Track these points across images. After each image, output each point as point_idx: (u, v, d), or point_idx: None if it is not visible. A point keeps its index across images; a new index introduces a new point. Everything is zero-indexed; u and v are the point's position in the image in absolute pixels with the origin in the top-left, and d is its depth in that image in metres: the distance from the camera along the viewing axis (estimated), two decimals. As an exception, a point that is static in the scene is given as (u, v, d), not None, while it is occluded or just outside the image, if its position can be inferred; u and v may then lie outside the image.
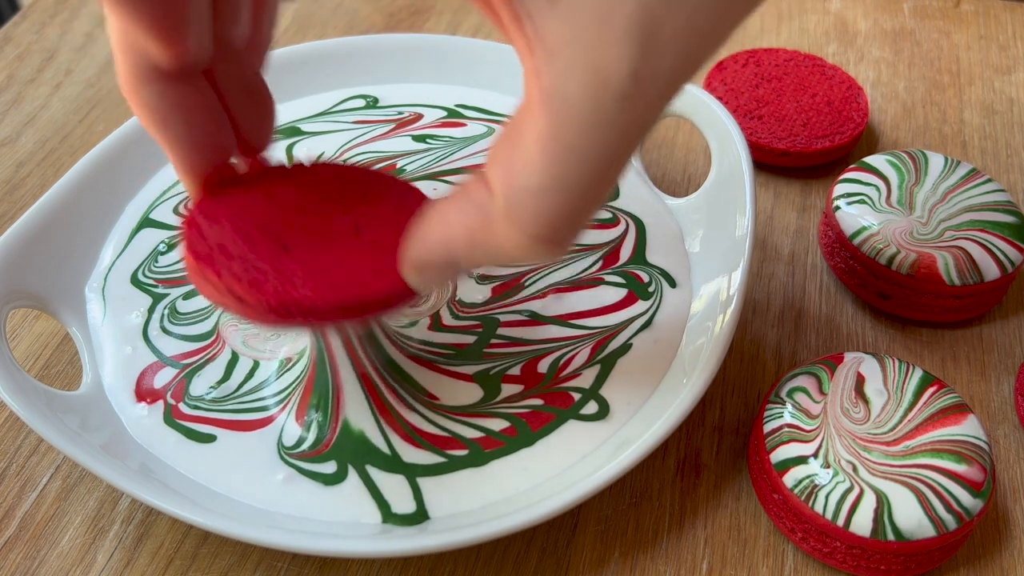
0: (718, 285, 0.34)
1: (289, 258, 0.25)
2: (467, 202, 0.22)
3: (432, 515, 0.29)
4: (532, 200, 0.20)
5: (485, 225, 0.21)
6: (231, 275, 0.24)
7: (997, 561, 0.30)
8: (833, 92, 0.44)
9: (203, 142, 0.26)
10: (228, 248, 0.25)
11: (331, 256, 0.26)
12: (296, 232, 0.26)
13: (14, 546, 0.31)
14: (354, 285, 0.25)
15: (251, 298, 0.24)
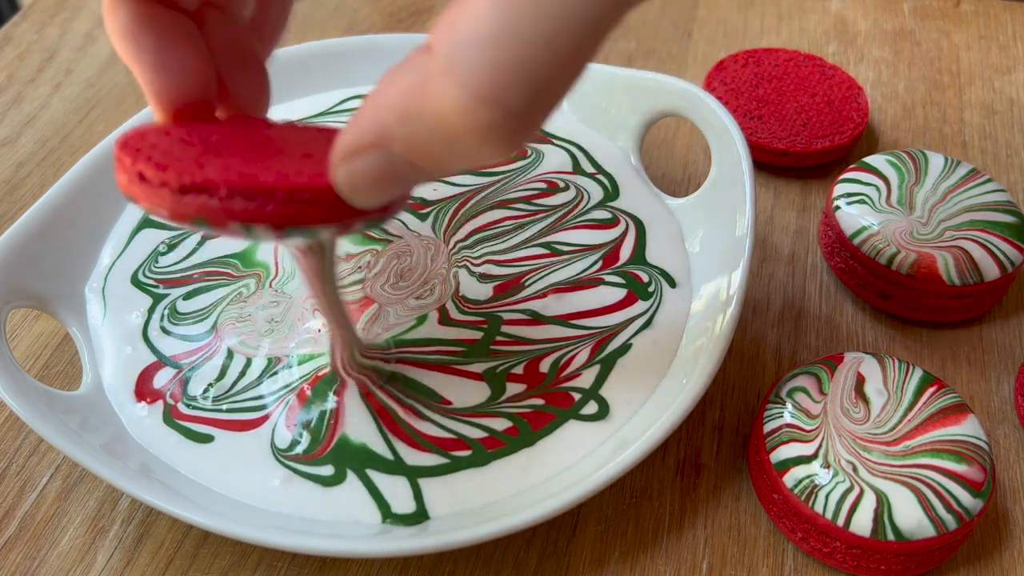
0: (718, 285, 0.34)
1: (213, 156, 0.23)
2: (404, 69, 0.19)
3: (432, 515, 0.29)
4: (475, 50, 0.17)
5: (420, 86, 0.18)
6: (145, 160, 0.22)
7: (997, 561, 0.30)
8: (833, 92, 0.44)
9: (175, 66, 0.24)
10: (158, 144, 0.23)
11: (260, 161, 0.23)
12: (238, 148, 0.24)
13: (14, 546, 0.31)
14: (269, 176, 0.22)
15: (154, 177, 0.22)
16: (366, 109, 0.20)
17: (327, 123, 0.42)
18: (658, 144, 0.45)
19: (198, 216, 0.22)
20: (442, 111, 0.18)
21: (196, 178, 0.21)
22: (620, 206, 0.38)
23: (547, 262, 0.36)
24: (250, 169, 0.22)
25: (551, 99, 0.18)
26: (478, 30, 0.17)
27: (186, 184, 0.21)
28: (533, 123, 0.18)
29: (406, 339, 0.33)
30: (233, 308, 0.35)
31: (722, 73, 0.46)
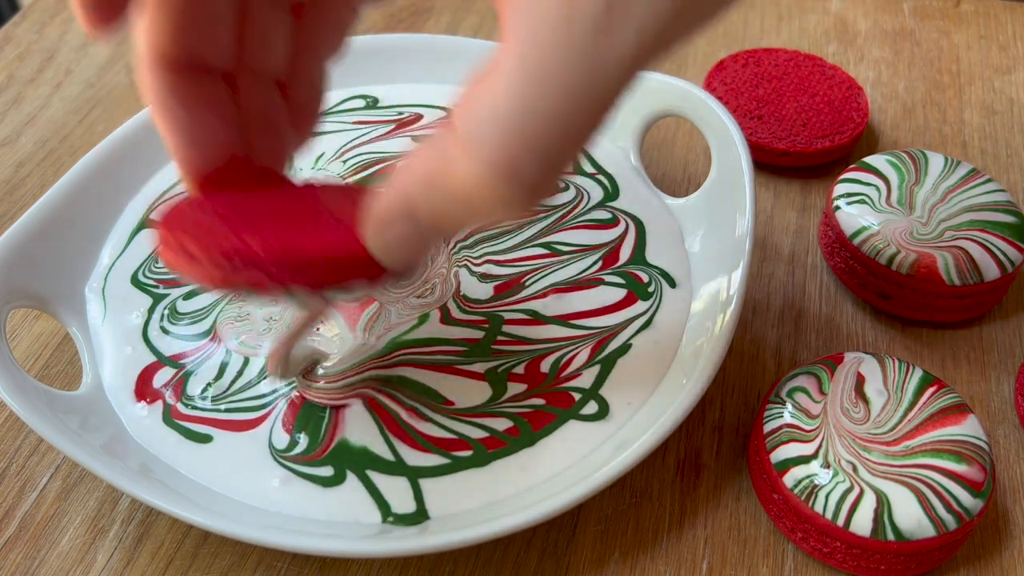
0: (718, 285, 0.34)
1: (252, 228, 0.24)
2: (428, 144, 0.20)
3: (432, 515, 0.29)
4: (492, 126, 0.18)
5: (443, 162, 0.19)
6: (189, 236, 0.24)
7: (997, 561, 0.30)
8: (833, 92, 0.44)
9: (205, 141, 0.26)
10: (197, 219, 0.25)
11: (295, 230, 0.25)
12: (271, 216, 0.25)
13: (14, 546, 0.31)
14: (308, 245, 0.24)
15: (200, 253, 0.23)
16: (395, 182, 0.21)
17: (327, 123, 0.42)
18: (658, 144, 0.45)
19: (247, 287, 0.24)
20: (462, 185, 0.19)
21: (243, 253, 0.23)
22: (620, 206, 0.38)
23: (547, 262, 0.36)
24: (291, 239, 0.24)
25: (562, 167, 0.19)
26: (495, 109, 0.18)
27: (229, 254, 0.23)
28: (546, 189, 0.19)
29: (408, 339, 0.33)
30: (232, 307, 0.35)
31: (722, 73, 0.46)
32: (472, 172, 0.19)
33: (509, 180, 0.18)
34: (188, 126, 0.25)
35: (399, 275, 0.25)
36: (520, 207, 0.19)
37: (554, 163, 0.19)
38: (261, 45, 0.26)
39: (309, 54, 0.28)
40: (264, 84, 0.27)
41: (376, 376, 0.32)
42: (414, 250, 0.23)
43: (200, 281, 0.24)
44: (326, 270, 0.24)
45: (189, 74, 0.25)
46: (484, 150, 0.18)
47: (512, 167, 0.18)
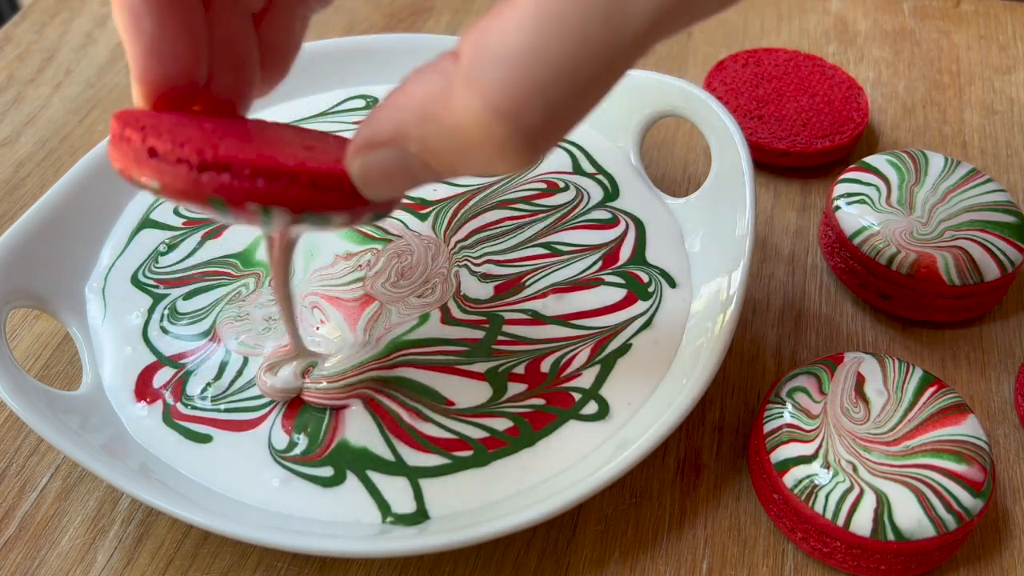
0: (718, 285, 0.34)
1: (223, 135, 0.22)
2: (429, 72, 0.19)
3: (432, 515, 0.29)
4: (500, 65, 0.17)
5: (442, 91, 0.18)
6: (156, 135, 0.21)
7: (997, 561, 0.30)
8: (833, 92, 0.44)
9: (168, 53, 0.24)
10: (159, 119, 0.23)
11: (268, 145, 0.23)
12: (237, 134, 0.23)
13: (14, 546, 0.31)
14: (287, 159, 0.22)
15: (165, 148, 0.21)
16: (387, 105, 0.20)
17: (327, 123, 0.42)
18: (658, 144, 0.45)
19: (217, 195, 0.21)
20: (460, 120, 0.18)
21: (218, 154, 0.21)
22: (620, 206, 0.38)
23: (547, 262, 0.36)
24: (267, 151, 0.22)
25: (568, 123, 0.18)
26: (506, 46, 0.17)
27: (207, 160, 0.21)
28: (547, 144, 0.19)
29: (409, 340, 0.33)
30: (232, 307, 0.35)
31: (722, 73, 0.46)
32: (471, 107, 0.18)
33: (509, 122, 0.18)
34: (154, 35, 0.24)
35: (378, 210, 0.23)
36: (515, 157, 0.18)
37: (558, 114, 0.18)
38: None
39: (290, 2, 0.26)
40: (239, 13, 0.26)
41: (376, 377, 0.32)
42: (396, 183, 0.21)
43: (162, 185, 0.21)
44: (306, 186, 0.21)
45: None
46: (487, 86, 0.18)
47: (514, 109, 0.18)
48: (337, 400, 0.32)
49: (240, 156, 0.21)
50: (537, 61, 0.17)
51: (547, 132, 0.18)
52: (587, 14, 0.17)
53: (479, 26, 0.18)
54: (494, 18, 0.18)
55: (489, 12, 0.18)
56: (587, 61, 0.17)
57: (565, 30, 0.17)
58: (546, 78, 0.17)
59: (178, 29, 0.24)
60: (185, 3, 0.24)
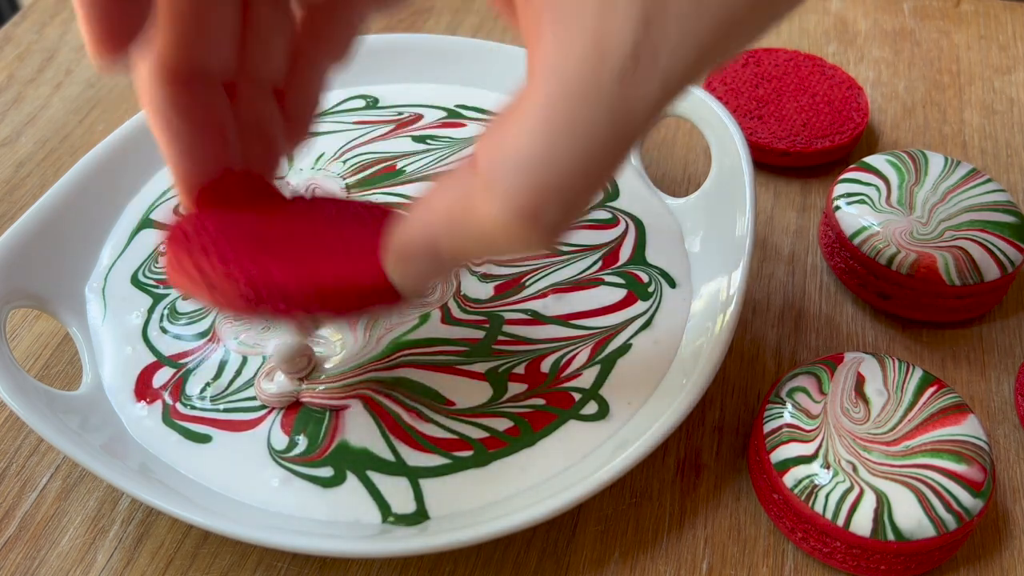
0: (718, 285, 0.34)
1: (267, 254, 0.24)
2: (451, 183, 0.21)
3: (432, 515, 0.29)
4: (516, 172, 0.19)
5: (466, 202, 0.20)
6: (206, 262, 0.23)
7: (997, 561, 0.30)
8: (833, 92, 0.44)
9: (203, 156, 0.26)
10: (207, 244, 0.24)
11: (312, 255, 0.25)
12: (280, 240, 0.25)
13: (14, 546, 0.31)
14: (332, 274, 0.24)
15: (223, 283, 0.23)
16: (416, 216, 0.22)
17: (327, 123, 0.42)
18: (658, 144, 0.45)
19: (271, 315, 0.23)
20: (484, 225, 0.19)
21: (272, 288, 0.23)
22: (620, 206, 0.38)
23: (547, 262, 0.36)
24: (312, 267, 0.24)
25: (584, 206, 0.20)
26: (518, 155, 0.18)
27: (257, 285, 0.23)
28: (566, 229, 0.20)
29: (409, 340, 0.33)
30: (233, 308, 0.35)
31: (722, 73, 0.46)
32: (494, 215, 0.19)
33: (531, 223, 0.19)
34: (188, 139, 0.25)
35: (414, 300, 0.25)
36: (540, 246, 0.20)
37: (575, 206, 0.19)
38: (263, 51, 0.26)
39: (311, 61, 0.27)
40: (262, 92, 0.27)
41: (377, 378, 0.32)
42: (433, 279, 0.24)
43: (220, 308, 0.24)
44: (350, 298, 0.24)
45: (191, 85, 0.25)
46: (507, 195, 0.19)
47: (534, 212, 0.19)
48: (337, 401, 0.32)
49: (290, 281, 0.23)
50: (550, 166, 0.18)
51: (566, 221, 0.20)
52: (593, 117, 0.18)
53: (491, 133, 0.19)
54: (506, 127, 0.19)
55: (499, 118, 0.19)
56: (597, 156, 0.18)
57: (574, 135, 0.18)
58: (561, 179, 0.18)
59: (211, 128, 0.25)
60: (213, 100, 0.25)
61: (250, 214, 0.26)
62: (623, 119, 0.18)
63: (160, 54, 0.24)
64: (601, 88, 0.18)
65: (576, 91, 0.18)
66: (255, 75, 0.26)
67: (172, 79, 0.24)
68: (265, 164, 0.28)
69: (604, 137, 0.18)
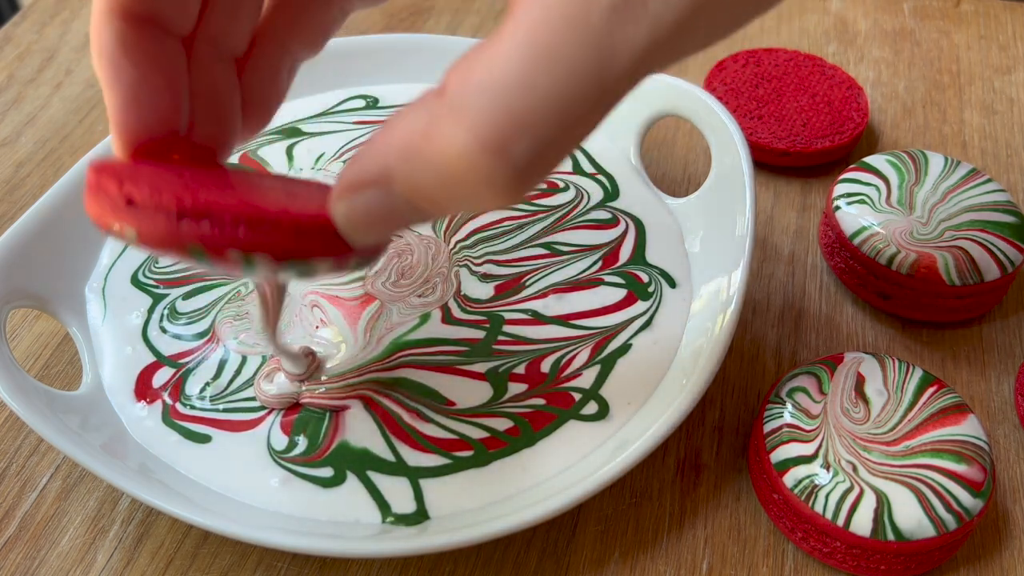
0: (718, 285, 0.34)
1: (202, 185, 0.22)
2: (414, 107, 0.19)
3: (432, 515, 0.29)
4: (487, 94, 0.17)
5: (427, 125, 0.18)
6: (132, 184, 0.21)
7: (997, 561, 0.30)
8: (833, 92, 0.44)
9: (148, 102, 0.23)
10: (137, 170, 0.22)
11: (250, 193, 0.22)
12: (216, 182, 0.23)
13: (14, 546, 0.31)
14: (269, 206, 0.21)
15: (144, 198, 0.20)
16: (370, 146, 0.20)
17: (327, 123, 0.42)
18: (658, 144, 0.45)
19: (196, 243, 0.20)
20: (445, 154, 0.18)
21: (198, 202, 0.20)
22: (620, 206, 0.38)
23: (547, 262, 0.36)
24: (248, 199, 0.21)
25: (556, 157, 0.18)
26: (493, 76, 0.17)
27: (186, 208, 0.20)
28: (535, 177, 0.18)
29: (410, 340, 0.33)
30: (231, 306, 0.35)
31: (722, 73, 0.46)
32: (457, 140, 0.17)
33: (496, 155, 0.17)
34: (133, 84, 0.23)
35: (364, 256, 0.22)
36: (503, 191, 0.18)
37: (547, 148, 0.17)
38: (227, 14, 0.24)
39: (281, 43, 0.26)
40: (221, 59, 0.25)
41: (377, 379, 0.32)
42: (382, 226, 0.20)
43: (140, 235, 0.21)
44: (288, 234, 0.21)
45: (145, 28, 0.23)
46: (473, 117, 0.17)
47: (501, 141, 0.17)
48: (337, 401, 0.32)
49: (220, 203, 0.20)
50: (525, 93, 0.17)
51: (534, 165, 0.18)
52: (577, 49, 0.17)
53: (465, 58, 0.18)
54: (481, 51, 0.17)
55: (475, 46, 0.18)
56: (576, 95, 0.17)
57: (554, 64, 0.17)
58: (534, 111, 0.17)
59: (158, 79, 0.23)
60: (166, 52, 0.24)
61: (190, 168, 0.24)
62: (608, 58, 0.17)
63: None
64: (588, 21, 0.17)
65: (561, 19, 0.17)
66: (215, 40, 0.25)
67: (124, 15, 0.22)
68: (216, 138, 0.25)
69: (585, 74, 0.17)
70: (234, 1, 0.25)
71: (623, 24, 0.17)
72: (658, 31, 0.17)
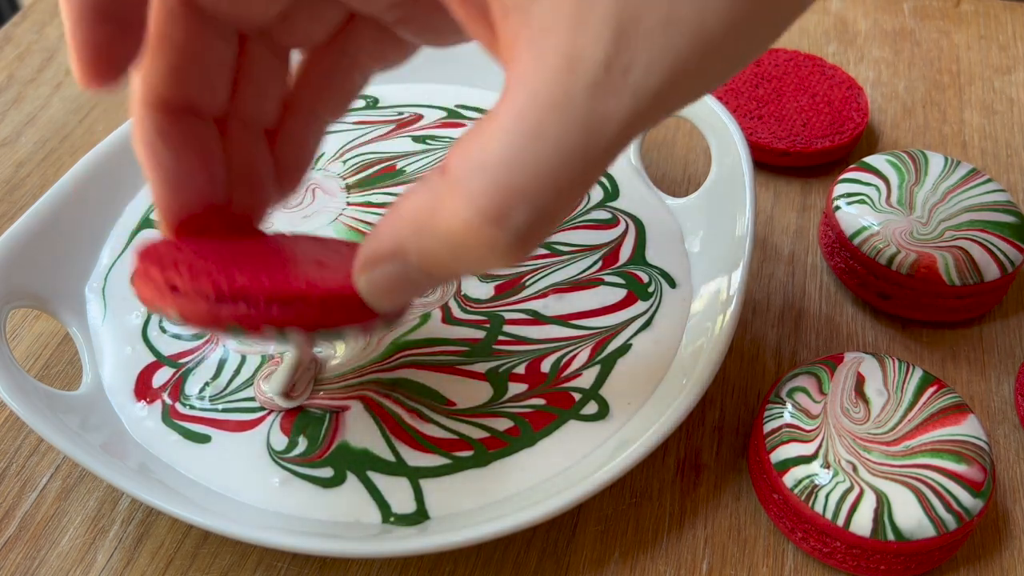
0: (718, 285, 0.34)
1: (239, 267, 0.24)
2: (419, 188, 0.20)
3: (432, 515, 0.29)
4: (482, 172, 0.18)
5: (432, 202, 0.20)
6: (174, 271, 0.23)
7: (997, 561, 0.30)
8: (833, 92, 0.44)
9: (187, 184, 0.25)
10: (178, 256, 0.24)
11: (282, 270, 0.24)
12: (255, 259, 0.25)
13: (14, 546, 0.31)
14: (298, 283, 0.23)
15: (185, 284, 0.23)
16: (385, 222, 0.21)
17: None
18: (658, 144, 0.45)
19: (234, 323, 0.23)
20: (451, 226, 0.19)
21: (234, 286, 0.22)
22: (620, 206, 0.38)
23: (547, 262, 0.36)
24: (279, 278, 0.23)
25: (555, 219, 0.19)
26: (487, 156, 0.18)
27: (224, 293, 0.22)
28: (536, 240, 0.20)
29: (410, 340, 0.33)
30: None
31: (722, 73, 0.46)
32: (460, 215, 0.19)
33: (496, 225, 0.19)
34: (173, 170, 0.25)
35: (388, 319, 0.24)
36: (508, 255, 0.19)
37: (544, 215, 0.19)
38: (256, 93, 0.26)
39: (308, 112, 0.27)
40: (253, 133, 0.26)
41: (377, 379, 0.32)
42: (402, 292, 0.23)
43: (184, 316, 0.23)
44: (317, 308, 0.23)
45: (180, 117, 0.24)
46: (472, 195, 0.19)
47: (499, 212, 0.18)
48: (337, 402, 0.32)
49: (254, 285, 0.23)
50: (517, 170, 0.18)
51: (533, 230, 0.19)
52: (561, 128, 0.18)
53: (464, 139, 0.19)
54: (478, 132, 0.19)
55: (473, 128, 0.19)
56: (565, 168, 0.18)
57: (542, 143, 0.18)
58: (527, 183, 0.18)
59: (196, 161, 0.25)
60: (201, 135, 0.25)
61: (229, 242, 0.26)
62: (594, 130, 0.18)
63: (150, 82, 0.24)
64: (572, 98, 0.18)
65: (547, 100, 0.18)
66: (247, 116, 0.26)
67: (161, 107, 0.24)
68: (252, 207, 0.27)
69: (574, 146, 0.18)
70: (262, 81, 0.26)
71: (605, 99, 0.18)
72: (640, 102, 0.18)
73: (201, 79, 0.24)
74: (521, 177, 0.18)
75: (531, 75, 0.18)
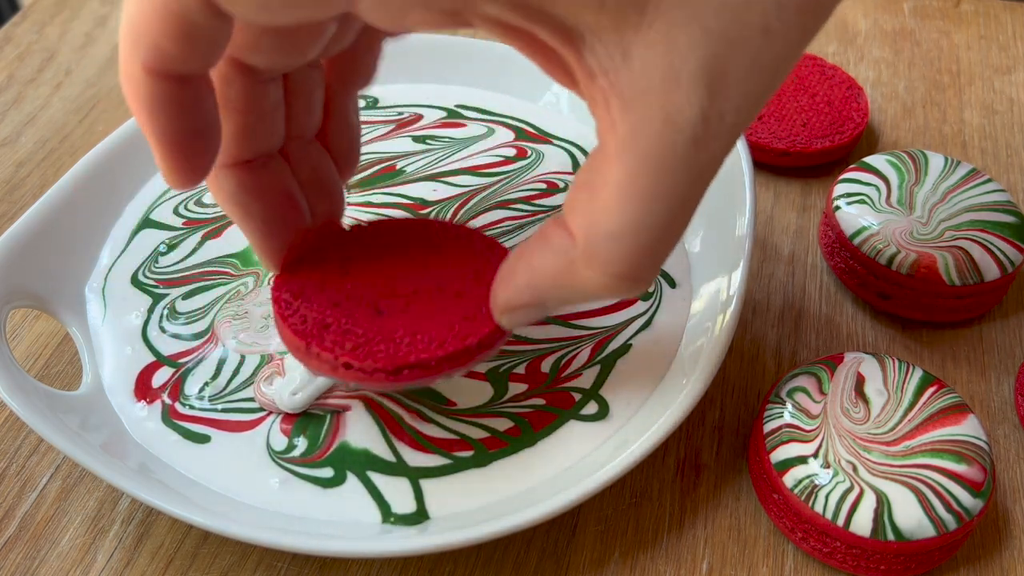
0: (718, 285, 0.34)
1: (384, 320, 0.26)
2: (549, 248, 0.23)
3: (432, 515, 0.29)
4: (612, 244, 0.21)
5: (568, 269, 0.22)
6: (336, 345, 0.26)
7: (997, 561, 0.30)
8: (833, 92, 0.44)
9: (280, 225, 0.27)
10: (324, 320, 0.26)
11: (423, 313, 0.27)
12: (382, 295, 0.27)
13: (14, 546, 0.31)
14: (453, 336, 0.26)
15: (362, 363, 0.25)
16: (520, 274, 0.24)
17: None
18: (658, 144, 0.45)
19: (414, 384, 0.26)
20: (588, 287, 0.22)
21: (409, 359, 0.26)
22: (620, 206, 0.38)
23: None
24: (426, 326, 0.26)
25: (669, 254, 0.22)
26: (611, 227, 0.21)
27: (398, 364, 0.25)
28: (655, 275, 0.22)
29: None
30: (231, 306, 0.35)
31: (722, 73, 0.46)
32: (598, 280, 0.22)
33: (628, 280, 0.22)
34: (263, 215, 0.26)
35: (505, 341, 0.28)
36: (635, 294, 0.23)
37: (664, 256, 0.22)
38: (306, 109, 0.27)
39: (343, 92, 0.28)
40: (309, 143, 0.28)
41: None
42: (537, 319, 0.26)
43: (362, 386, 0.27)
44: (475, 352, 0.26)
45: (255, 166, 0.26)
46: (607, 264, 0.21)
47: (632, 274, 0.21)
48: (337, 401, 0.32)
49: (425, 354, 0.26)
50: (642, 234, 0.21)
51: (656, 270, 0.22)
52: (673, 181, 0.20)
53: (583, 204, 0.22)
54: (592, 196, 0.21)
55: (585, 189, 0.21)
56: (680, 214, 0.21)
57: (658, 201, 0.20)
58: (651, 242, 0.21)
59: (280, 198, 0.27)
60: (274, 169, 0.26)
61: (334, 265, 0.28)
62: (701, 175, 0.20)
63: (224, 149, 0.25)
64: (677, 156, 0.20)
65: (655, 164, 0.20)
66: (301, 131, 0.27)
67: (237, 165, 0.25)
68: (330, 207, 0.29)
69: (684, 196, 0.21)
70: (307, 94, 0.27)
71: (707, 146, 0.20)
72: (736, 135, 0.20)
73: (266, 128, 0.26)
74: (647, 239, 0.21)
75: (635, 139, 0.20)
